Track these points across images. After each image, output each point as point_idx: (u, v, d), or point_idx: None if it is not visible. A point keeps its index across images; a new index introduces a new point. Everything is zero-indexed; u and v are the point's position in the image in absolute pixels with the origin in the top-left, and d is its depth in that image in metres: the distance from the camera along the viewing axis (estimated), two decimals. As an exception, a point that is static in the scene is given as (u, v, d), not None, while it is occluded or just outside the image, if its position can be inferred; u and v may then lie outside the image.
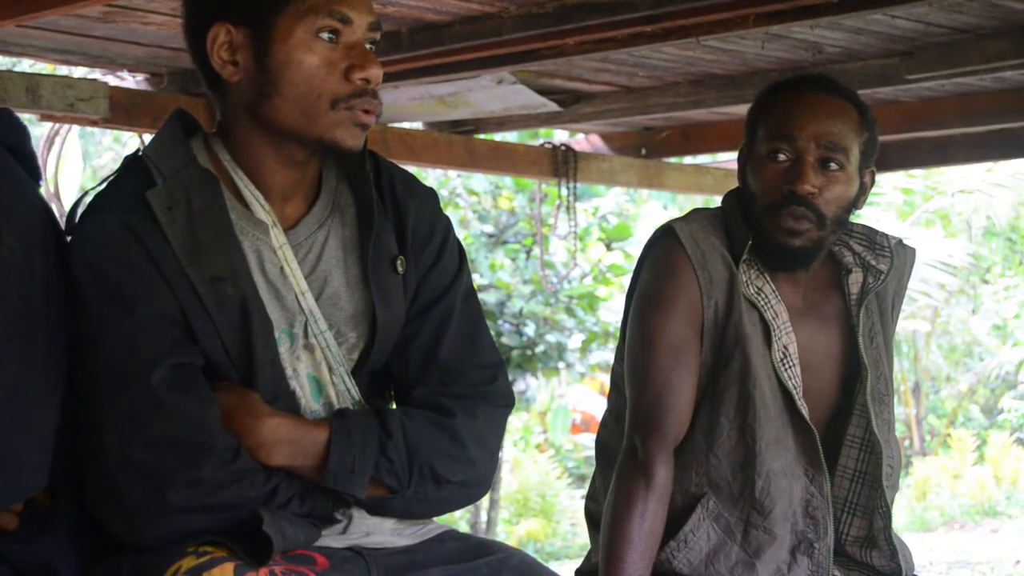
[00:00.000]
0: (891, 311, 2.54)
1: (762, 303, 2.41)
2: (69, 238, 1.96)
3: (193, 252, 1.92)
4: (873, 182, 2.47)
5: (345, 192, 2.09)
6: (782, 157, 2.38)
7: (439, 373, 2.07)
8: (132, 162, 2.01)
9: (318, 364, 2.03)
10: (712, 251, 2.42)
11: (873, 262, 2.48)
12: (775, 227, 2.37)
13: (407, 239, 2.08)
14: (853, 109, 2.43)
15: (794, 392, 2.41)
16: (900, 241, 2.54)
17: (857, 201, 2.43)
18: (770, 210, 2.38)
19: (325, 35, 1.93)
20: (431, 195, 2.15)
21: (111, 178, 2.01)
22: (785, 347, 2.42)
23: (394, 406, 2.13)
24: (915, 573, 2.52)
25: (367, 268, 2.03)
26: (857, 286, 2.47)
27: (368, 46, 1.98)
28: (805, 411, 2.42)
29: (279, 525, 1.88)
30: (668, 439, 2.39)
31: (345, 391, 2.04)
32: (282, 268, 2.00)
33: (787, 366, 2.42)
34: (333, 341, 2.03)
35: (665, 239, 2.45)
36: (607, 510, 2.40)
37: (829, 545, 2.41)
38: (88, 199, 1.99)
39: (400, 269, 2.06)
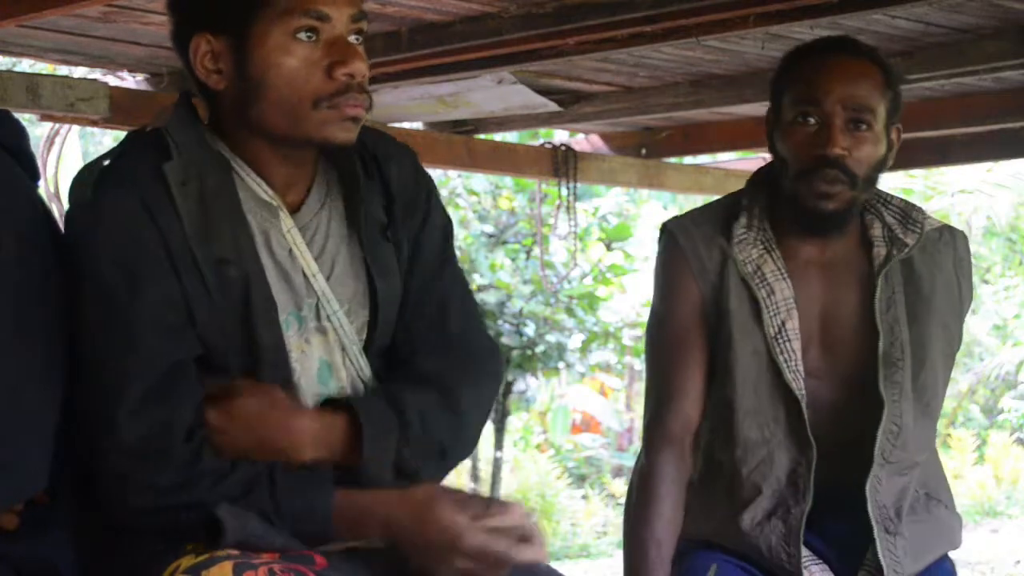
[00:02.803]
0: (940, 291, 2.55)
1: (756, 282, 2.48)
2: (80, 208, 1.94)
3: (201, 230, 1.92)
4: (900, 139, 2.52)
5: (333, 170, 2.08)
6: (811, 121, 2.43)
7: (444, 341, 2.07)
8: (143, 137, 2.00)
9: (331, 347, 2.02)
10: (703, 236, 2.53)
11: (901, 235, 2.53)
12: (808, 192, 2.43)
13: (392, 203, 2.08)
14: (877, 68, 2.47)
15: (784, 367, 2.47)
16: (946, 226, 2.59)
17: (886, 159, 2.49)
18: (802, 174, 2.43)
19: (303, 35, 1.92)
20: (411, 156, 2.15)
21: (122, 150, 1.99)
22: (782, 323, 2.48)
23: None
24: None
25: (362, 242, 2.03)
26: (880, 258, 2.52)
27: (354, 38, 1.96)
28: (795, 385, 2.47)
29: (239, 516, 1.86)
30: (670, 429, 2.52)
31: (357, 372, 2.04)
32: (291, 250, 2.00)
33: (782, 341, 2.48)
34: (346, 321, 2.02)
35: (660, 237, 2.60)
36: (626, 508, 2.56)
37: (804, 511, 2.47)
38: (97, 170, 1.95)
39: (389, 237, 2.06)
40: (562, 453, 12.61)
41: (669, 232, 2.57)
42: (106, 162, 1.97)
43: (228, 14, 1.93)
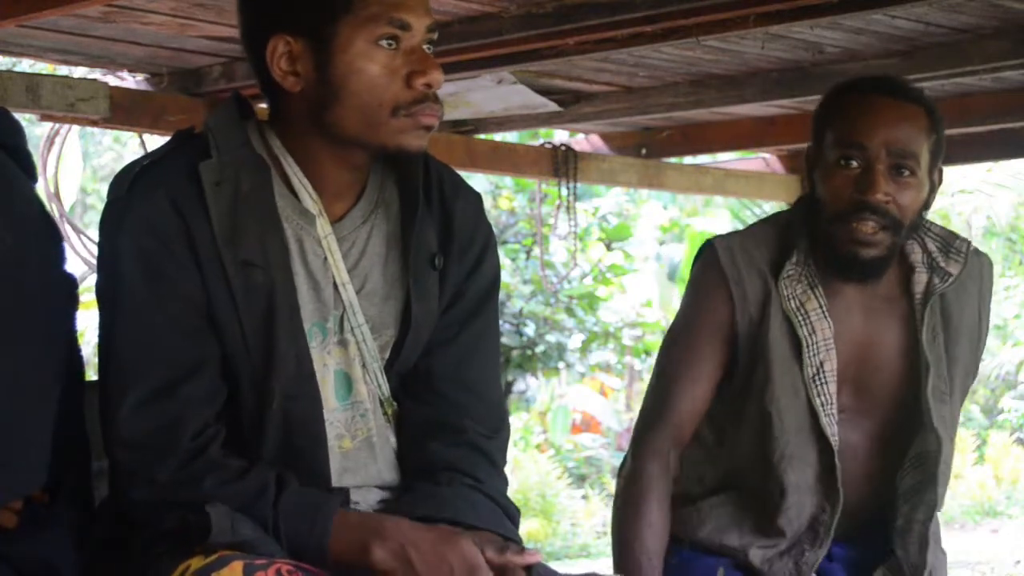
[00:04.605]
0: (966, 321, 2.50)
1: (799, 319, 2.41)
2: (112, 205, 1.96)
3: (230, 232, 1.92)
4: (941, 180, 2.46)
5: (391, 187, 2.08)
6: (853, 164, 2.36)
7: (472, 397, 2.09)
8: (188, 137, 2.00)
9: (351, 360, 2.02)
10: (749, 265, 2.45)
11: (943, 264, 2.46)
12: (846, 237, 2.36)
13: (450, 239, 2.08)
14: (922, 112, 2.42)
15: (820, 411, 2.41)
16: (976, 249, 2.52)
17: (928, 202, 2.42)
18: (839, 218, 2.36)
19: (385, 42, 1.92)
20: (477, 199, 2.15)
21: (165, 150, 1.99)
22: (820, 363, 2.42)
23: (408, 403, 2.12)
24: None
25: (407, 263, 2.03)
26: (921, 286, 2.45)
27: (427, 47, 1.98)
28: (829, 431, 2.42)
29: (230, 517, 1.87)
30: (660, 442, 2.47)
31: (376, 388, 2.04)
32: (325, 259, 2.00)
33: (819, 383, 2.42)
34: (370, 335, 2.02)
35: (704, 254, 2.52)
36: (614, 512, 2.53)
37: (818, 557, 2.45)
38: (136, 168, 1.96)
39: (437, 266, 2.06)
40: (562, 453, 12.61)
41: (713, 252, 2.48)
42: (146, 161, 1.98)
43: (311, 17, 1.93)
